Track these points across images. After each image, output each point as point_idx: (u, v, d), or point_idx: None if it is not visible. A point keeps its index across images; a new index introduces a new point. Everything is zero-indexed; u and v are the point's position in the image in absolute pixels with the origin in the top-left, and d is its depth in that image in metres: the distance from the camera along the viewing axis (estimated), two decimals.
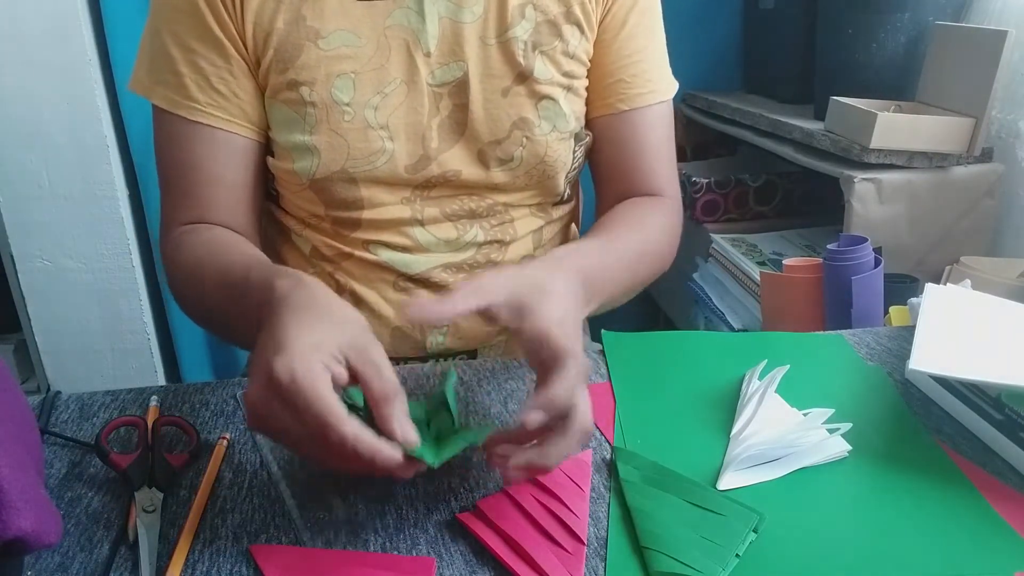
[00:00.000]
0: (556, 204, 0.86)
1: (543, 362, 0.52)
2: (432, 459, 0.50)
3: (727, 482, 0.55)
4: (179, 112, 0.73)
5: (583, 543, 0.49)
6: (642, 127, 0.83)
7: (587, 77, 0.82)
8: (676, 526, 0.50)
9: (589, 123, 0.84)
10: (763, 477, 0.55)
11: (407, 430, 0.48)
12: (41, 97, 1.47)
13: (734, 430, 0.60)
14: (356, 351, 0.48)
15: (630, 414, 0.63)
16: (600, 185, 0.88)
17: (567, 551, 0.48)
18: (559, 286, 0.57)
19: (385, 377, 0.48)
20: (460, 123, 0.76)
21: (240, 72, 0.73)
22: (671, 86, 0.85)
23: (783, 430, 0.59)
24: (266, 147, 0.78)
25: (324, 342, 0.48)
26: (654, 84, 0.83)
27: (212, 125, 0.74)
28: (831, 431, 0.59)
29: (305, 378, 0.45)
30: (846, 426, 0.59)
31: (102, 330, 1.65)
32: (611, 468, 0.57)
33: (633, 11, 0.80)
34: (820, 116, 1.41)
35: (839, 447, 0.58)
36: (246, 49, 0.73)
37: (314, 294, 0.53)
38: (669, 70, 0.86)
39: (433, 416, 0.58)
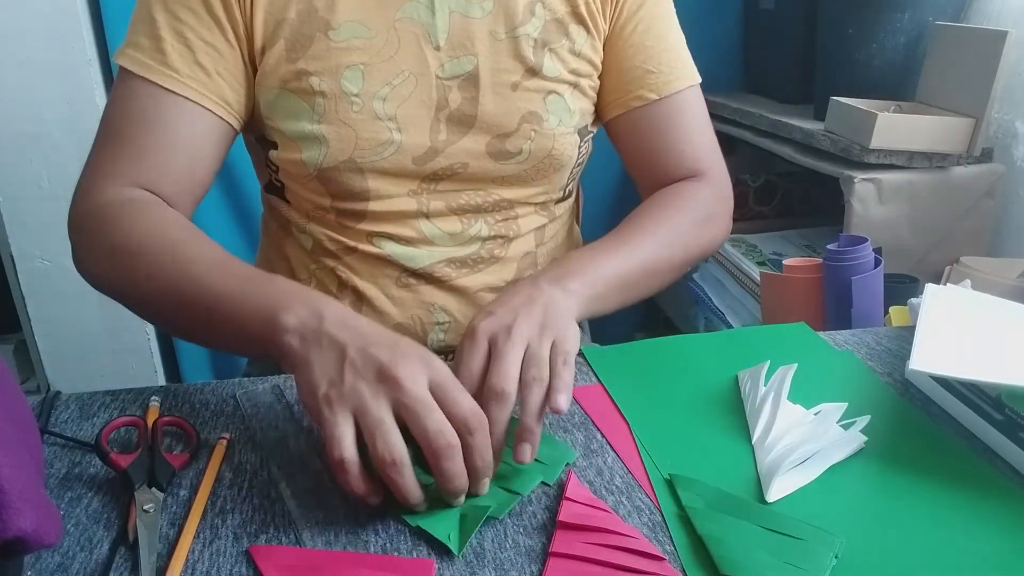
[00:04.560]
0: (559, 201, 0.86)
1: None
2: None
3: (775, 493, 0.54)
4: (152, 77, 0.70)
5: (664, 557, 0.48)
6: (674, 113, 0.83)
7: (599, 77, 0.82)
8: (757, 553, 0.48)
9: (615, 120, 0.84)
10: (802, 481, 0.55)
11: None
12: (41, 97, 1.47)
13: (755, 437, 0.60)
14: None
15: (648, 435, 0.61)
16: (638, 176, 0.88)
17: (659, 573, 0.47)
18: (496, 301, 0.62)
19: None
20: (469, 116, 0.76)
21: (230, 55, 0.72)
22: (696, 73, 0.85)
23: (805, 431, 0.59)
24: (233, 131, 0.76)
25: None
26: (680, 71, 0.83)
27: (187, 96, 0.71)
28: (847, 425, 0.59)
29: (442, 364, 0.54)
30: (864, 419, 0.59)
31: (102, 330, 1.65)
32: (648, 493, 0.55)
33: (645, 3, 0.81)
34: (820, 116, 1.41)
35: (858, 440, 0.59)
36: (248, 37, 0.73)
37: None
38: (691, 57, 0.85)
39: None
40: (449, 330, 0.82)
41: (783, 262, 1.17)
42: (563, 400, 0.54)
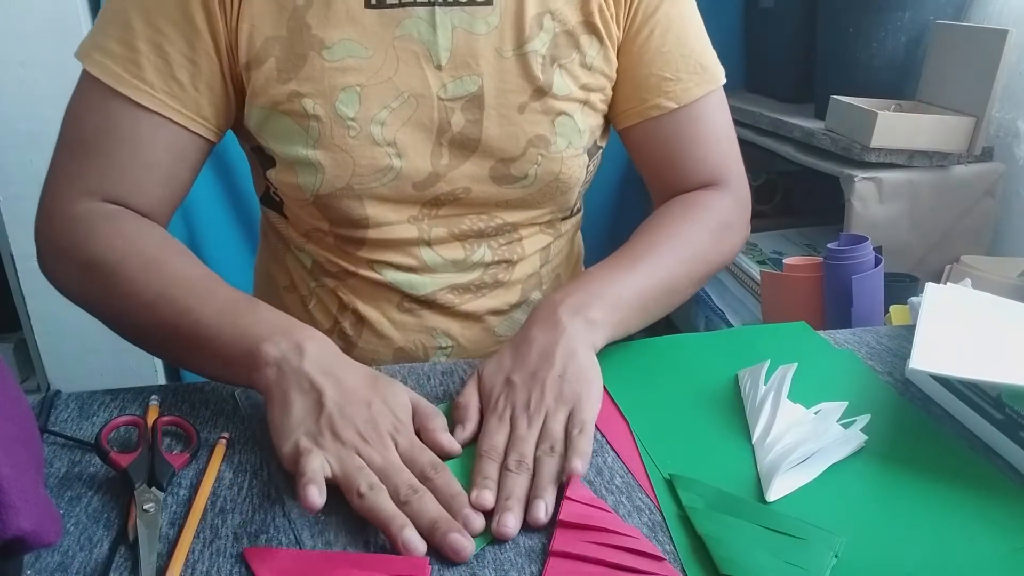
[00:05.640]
0: (564, 219, 0.83)
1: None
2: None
3: (775, 492, 0.54)
4: (125, 91, 0.67)
5: (664, 557, 0.48)
6: (694, 122, 0.78)
7: (613, 88, 0.78)
8: (757, 553, 0.48)
9: (631, 129, 0.79)
10: (802, 481, 0.55)
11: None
12: (41, 97, 1.47)
13: (755, 436, 0.60)
14: None
15: (648, 435, 0.61)
16: (653, 184, 0.84)
17: (659, 573, 0.47)
18: (506, 349, 0.63)
19: None
20: (472, 139, 0.72)
21: (209, 68, 0.68)
22: (720, 72, 0.80)
23: (805, 430, 0.59)
24: (211, 144, 0.73)
25: None
26: (700, 76, 0.77)
27: (162, 113, 0.68)
28: (847, 424, 0.59)
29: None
30: (864, 418, 0.59)
31: (102, 330, 1.64)
32: (651, 494, 0.55)
33: (662, 5, 0.76)
34: (820, 115, 1.41)
35: (859, 439, 0.59)
36: (232, 52, 0.69)
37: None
38: (714, 54, 0.80)
39: None
40: (451, 354, 0.80)
41: (783, 261, 1.17)
42: (578, 464, 0.53)
